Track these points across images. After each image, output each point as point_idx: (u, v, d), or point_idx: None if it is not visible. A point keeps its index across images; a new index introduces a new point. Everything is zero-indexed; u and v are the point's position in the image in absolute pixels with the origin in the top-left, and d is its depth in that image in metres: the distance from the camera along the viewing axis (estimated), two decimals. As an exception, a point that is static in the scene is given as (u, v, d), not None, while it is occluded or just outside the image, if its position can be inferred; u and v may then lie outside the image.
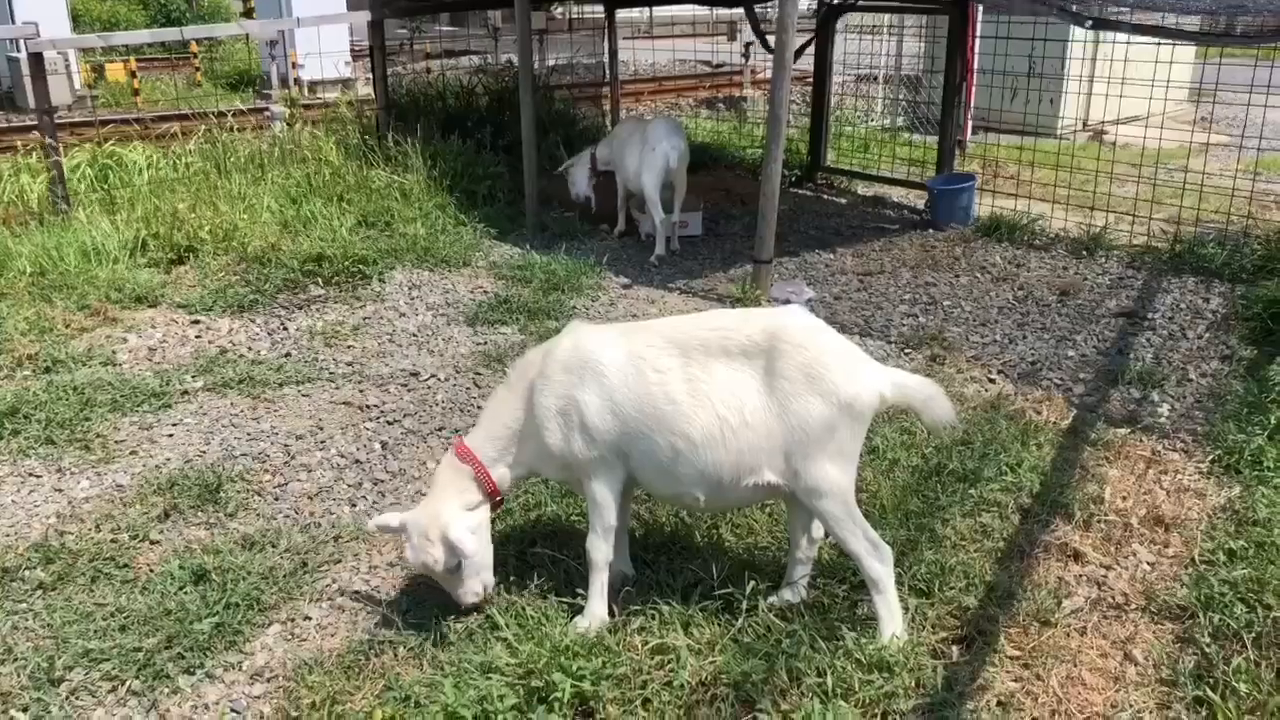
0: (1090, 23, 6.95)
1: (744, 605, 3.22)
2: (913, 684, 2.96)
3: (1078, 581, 3.56)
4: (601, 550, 3.23)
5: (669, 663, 3.02)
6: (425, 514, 3.26)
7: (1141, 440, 4.62)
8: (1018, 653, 3.15)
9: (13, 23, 13.68)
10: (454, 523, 3.19)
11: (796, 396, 3.01)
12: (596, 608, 3.25)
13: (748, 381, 3.07)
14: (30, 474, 4.40)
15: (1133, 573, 3.61)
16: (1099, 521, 3.91)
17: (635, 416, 3.11)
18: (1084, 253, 7.59)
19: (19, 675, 3.13)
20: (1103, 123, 12.54)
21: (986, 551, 3.68)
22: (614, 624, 3.24)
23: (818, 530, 3.33)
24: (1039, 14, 7.53)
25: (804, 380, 3.01)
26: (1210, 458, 4.40)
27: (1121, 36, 7.03)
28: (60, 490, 4.28)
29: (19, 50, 13.50)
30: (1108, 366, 5.51)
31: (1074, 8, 7.19)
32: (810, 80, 10.29)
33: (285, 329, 6.12)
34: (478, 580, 3.29)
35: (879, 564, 3.09)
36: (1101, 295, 6.71)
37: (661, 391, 3.09)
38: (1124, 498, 4.10)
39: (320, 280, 6.83)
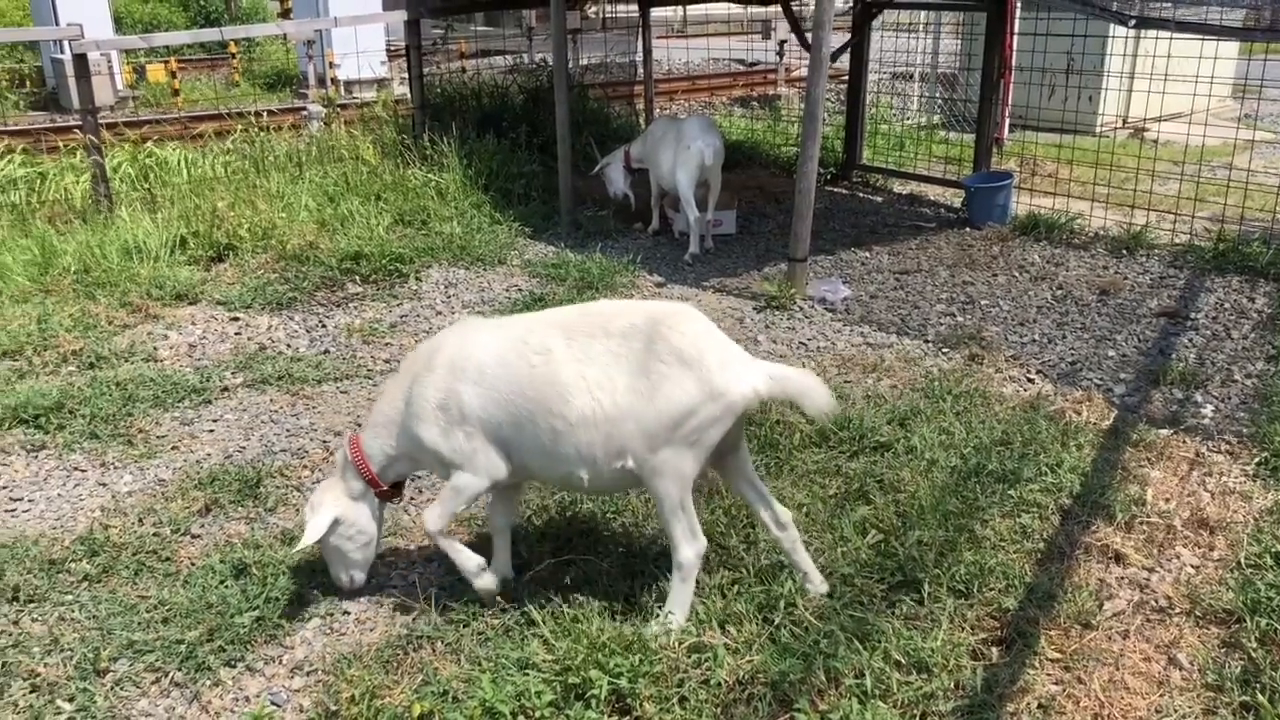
0: (1134, 22, 6.84)
1: (782, 604, 3.21)
2: (952, 685, 2.94)
3: (1119, 584, 3.51)
4: (437, 524, 3.28)
5: (706, 661, 3.01)
6: (324, 487, 3.44)
7: (1184, 441, 4.55)
8: (1058, 655, 3.11)
9: (57, 24, 13.91)
10: (327, 506, 3.33)
11: (668, 379, 3.02)
12: (464, 561, 3.34)
13: (623, 364, 3.09)
14: (75, 468, 4.48)
15: (1176, 575, 3.56)
16: (1141, 523, 3.85)
17: (518, 402, 3.14)
18: (1124, 252, 7.48)
19: (65, 666, 3.18)
20: (1144, 120, 12.36)
21: (1026, 553, 3.64)
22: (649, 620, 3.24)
23: (784, 514, 3.34)
24: (1080, 12, 7.43)
25: (678, 364, 3.02)
26: (1257, 460, 4.33)
27: (1163, 32, 6.92)
28: (104, 484, 4.35)
29: (63, 51, 13.72)
30: (1149, 366, 5.43)
31: (1115, 6, 7.08)
32: (846, 78, 10.22)
33: (323, 326, 6.18)
34: (342, 570, 3.48)
35: (691, 553, 3.14)
36: (1143, 294, 6.61)
37: (542, 373, 3.11)
38: (1167, 499, 4.05)
39: (358, 278, 6.89)
